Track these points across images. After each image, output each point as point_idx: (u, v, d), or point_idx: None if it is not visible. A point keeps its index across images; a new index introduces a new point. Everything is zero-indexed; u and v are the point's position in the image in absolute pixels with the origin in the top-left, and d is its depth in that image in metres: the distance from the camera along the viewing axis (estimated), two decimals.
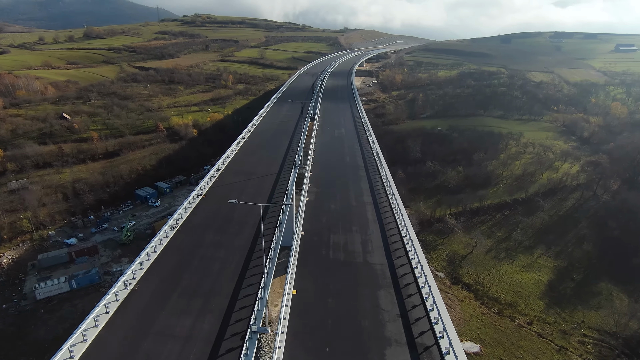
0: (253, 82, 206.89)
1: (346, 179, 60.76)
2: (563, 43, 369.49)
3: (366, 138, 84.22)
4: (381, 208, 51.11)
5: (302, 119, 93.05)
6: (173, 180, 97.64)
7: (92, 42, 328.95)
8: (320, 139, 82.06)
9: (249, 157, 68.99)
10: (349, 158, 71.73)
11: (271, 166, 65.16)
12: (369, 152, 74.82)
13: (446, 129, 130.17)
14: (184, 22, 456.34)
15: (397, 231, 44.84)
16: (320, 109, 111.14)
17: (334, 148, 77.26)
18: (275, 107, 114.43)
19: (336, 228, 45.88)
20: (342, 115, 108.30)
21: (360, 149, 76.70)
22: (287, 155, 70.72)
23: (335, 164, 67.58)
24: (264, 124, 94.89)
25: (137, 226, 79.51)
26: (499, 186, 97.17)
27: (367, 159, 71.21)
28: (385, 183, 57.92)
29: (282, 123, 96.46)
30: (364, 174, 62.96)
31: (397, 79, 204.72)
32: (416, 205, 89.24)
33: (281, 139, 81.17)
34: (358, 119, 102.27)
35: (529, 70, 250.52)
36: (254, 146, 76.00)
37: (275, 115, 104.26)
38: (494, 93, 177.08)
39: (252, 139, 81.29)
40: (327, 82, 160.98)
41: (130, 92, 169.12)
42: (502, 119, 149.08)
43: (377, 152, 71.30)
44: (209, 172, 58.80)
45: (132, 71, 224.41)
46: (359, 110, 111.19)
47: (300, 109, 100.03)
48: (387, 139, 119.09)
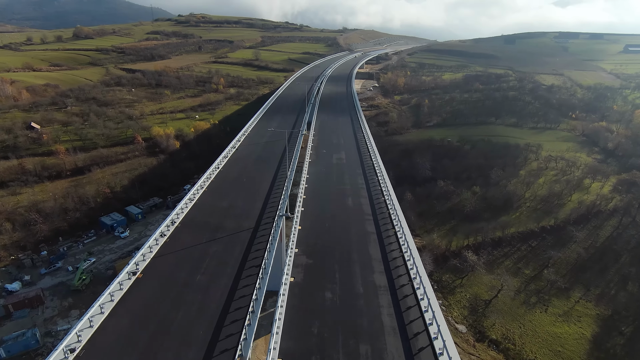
0: (246, 86, 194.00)
1: (349, 242, 42.44)
2: (569, 44, 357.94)
3: (372, 166, 66.32)
4: (401, 299, 32.87)
5: (294, 141, 78.25)
6: (147, 204, 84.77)
7: (80, 42, 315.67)
8: (314, 167, 64.79)
9: (218, 201, 50.69)
10: (351, 201, 53.09)
11: (247, 216, 46.95)
12: (378, 191, 56.24)
13: (457, 140, 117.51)
14: (178, 21, 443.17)
15: None
16: (315, 123, 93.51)
17: (331, 184, 59.16)
18: (263, 120, 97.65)
19: (333, 346, 28.32)
20: (341, 132, 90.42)
21: (366, 186, 58.38)
22: (270, 198, 52.63)
23: (333, 214, 48.98)
24: (246, 146, 75.99)
25: (98, 264, 66.64)
26: (522, 210, 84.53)
27: (375, 201, 52.53)
28: (405, 250, 39.96)
29: (269, 144, 77.69)
30: (373, 229, 44.93)
31: (400, 83, 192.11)
32: (428, 237, 76.50)
33: (264, 171, 62.89)
34: (361, 137, 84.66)
35: (537, 72, 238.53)
36: (228, 182, 58.01)
37: (262, 132, 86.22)
38: (505, 98, 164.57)
39: (227, 169, 62.66)
40: (324, 87, 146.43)
41: (111, 98, 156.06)
42: (515, 127, 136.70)
43: (391, 198, 51.36)
44: (158, 228, 41.47)
45: (119, 74, 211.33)
46: (362, 125, 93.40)
47: (293, 123, 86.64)
48: (391, 152, 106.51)
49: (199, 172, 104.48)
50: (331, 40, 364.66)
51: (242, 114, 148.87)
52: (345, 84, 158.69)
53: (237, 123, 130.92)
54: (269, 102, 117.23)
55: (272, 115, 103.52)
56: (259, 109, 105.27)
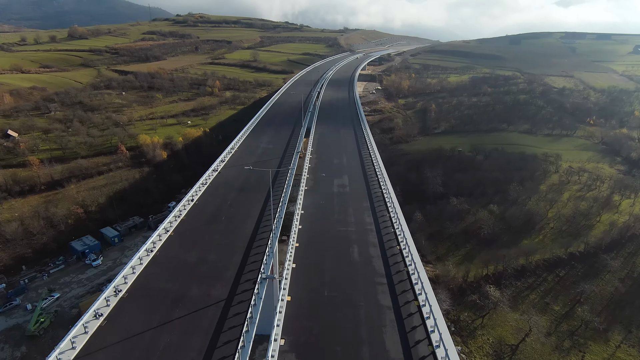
0: (243, 89, 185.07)
1: (356, 326, 30.55)
2: (576, 44, 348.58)
3: (381, 196, 55.09)
4: None
5: (288, 160, 68.36)
6: (125, 225, 75.80)
7: (73, 43, 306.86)
8: (311, 198, 53.31)
9: (185, 253, 38.82)
10: (357, 252, 40.81)
11: (219, 278, 35.44)
12: (391, 235, 44.24)
13: (468, 149, 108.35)
14: (175, 21, 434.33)
15: None
16: (314, 136, 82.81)
17: (332, 224, 47.01)
18: (254, 134, 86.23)
19: None
20: (344, 148, 78.64)
21: (376, 226, 46.19)
22: (253, 246, 40.61)
23: (333, 275, 37.27)
24: (231, 168, 63.48)
25: (62, 301, 57.72)
26: (546, 232, 75.43)
27: (388, 252, 40.31)
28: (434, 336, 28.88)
29: (259, 165, 64.69)
30: (389, 303, 33.13)
31: (404, 85, 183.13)
32: (442, 265, 67.42)
33: (250, 204, 50.55)
34: (366, 155, 73.13)
35: (546, 74, 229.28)
36: (202, 221, 45.43)
37: (252, 149, 74.69)
38: (516, 102, 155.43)
39: (204, 202, 50.47)
40: (324, 92, 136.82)
41: (99, 102, 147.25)
42: (529, 134, 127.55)
43: (410, 253, 39.50)
44: (104, 292, 31.49)
45: (110, 75, 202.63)
46: (367, 139, 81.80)
47: (289, 137, 76.99)
48: (397, 163, 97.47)
49: (187, 185, 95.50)
50: (332, 41, 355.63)
51: (237, 120, 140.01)
52: (347, 89, 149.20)
53: (231, 129, 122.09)
54: (263, 111, 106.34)
55: (265, 127, 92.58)
56: (251, 120, 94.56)
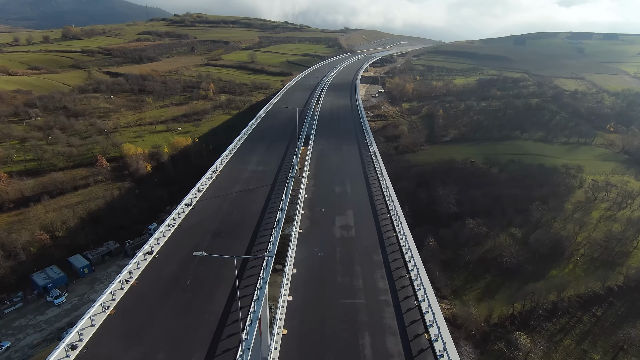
0: (239, 92, 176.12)
1: None
2: (583, 44, 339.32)
3: (397, 244, 41.47)
4: None
5: (280, 188, 54.83)
6: (98, 252, 66.81)
7: (66, 43, 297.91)
8: (305, 249, 40.12)
9: (124, 352, 26.21)
10: (368, 344, 28.08)
11: None
12: (414, 308, 31.81)
13: (482, 161, 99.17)
14: (173, 21, 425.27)
15: None
16: (312, 155, 69.61)
17: (333, 291, 34.31)
18: (242, 152, 71.69)
19: None
20: (347, 170, 65.04)
21: (393, 299, 33.02)
22: (223, 333, 28.44)
23: None
24: (208, 201, 49.90)
25: (12, 352, 48.71)
26: (576, 260, 66.37)
27: (411, 347, 27.93)
28: None
29: (243, 197, 51.63)
30: None
31: (408, 88, 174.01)
32: (460, 302, 58.34)
33: (225, 259, 34.67)
34: (374, 180, 59.72)
35: (555, 76, 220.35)
36: (158, 288, 32.81)
37: (237, 173, 61.04)
38: (527, 107, 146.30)
39: (166, 256, 37.42)
40: (324, 98, 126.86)
41: (83, 107, 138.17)
42: (545, 142, 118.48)
43: None
44: None
45: (101, 78, 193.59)
46: (374, 161, 67.24)
47: (282, 155, 66.77)
48: (405, 178, 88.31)
49: (172, 202, 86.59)
50: (332, 41, 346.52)
51: (231, 126, 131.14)
52: (349, 94, 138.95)
53: (223, 137, 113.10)
54: (254, 123, 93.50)
55: (255, 142, 79.38)
56: (240, 134, 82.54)
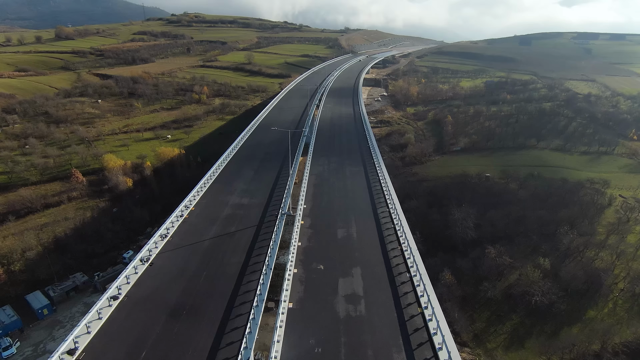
0: (234, 95, 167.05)
1: None
2: (590, 45, 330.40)
3: (423, 329, 30.00)
4: None
5: (266, 233, 43.97)
6: (62, 286, 57.75)
7: (58, 44, 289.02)
8: (296, 340, 28.54)
9: None
10: None
11: None
12: None
13: (498, 175, 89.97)
14: (169, 21, 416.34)
15: None
16: (309, 180, 58.33)
17: None
18: (226, 176, 60.05)
19: None
20: (351, 203, 52.22)
21: None
22: None
23: None
24: (174, 253, 39.57)
25: None
26: (616, 298, 57.34)
27: None
28: None
29: (217, 247, 40.84)
30: None
31: (413, 92, 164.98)
32: (484, 353, 49.25)
33: (189, 343, 28.02)
34: (386, 218, 47.42)
35: (565, 78, 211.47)
36: None
37: (216, 209, 48.75)
38: (541, 112, 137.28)
39: (101, 348, 27.47)
40: (324, 106, 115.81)
41: (67, 113, 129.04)
42: (563, 152, 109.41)
43: None
44: None
45: (91, 80, 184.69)
46: (384, 187, 55.59)
47: (274, 181, 56.46)
48: (415, 196, 79.12)
49: (153, 223, 77.49)
50: (332, 42, 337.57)
51: (224, 133, 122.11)
52: (351, 100, 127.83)
53: (215, 147, 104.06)
54: (243, 137, 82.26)
55: (242, 164, 67.17)
56: (226, 152, 70.08)
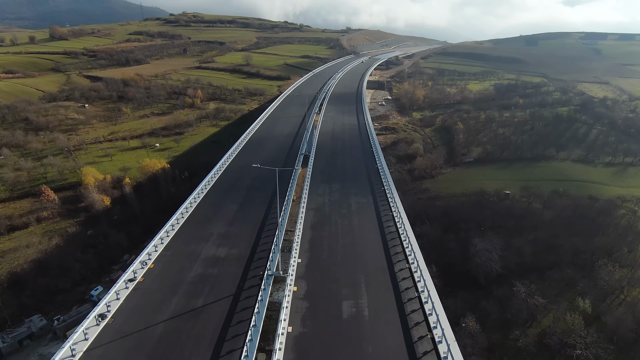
0: (230, 99, 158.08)
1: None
2: (599, 45, 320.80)
3: None
4: None
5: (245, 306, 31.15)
6: (15, 334, 48.79)
7: (52, 44, 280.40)
8: None
9: None
10: None
11: None
12: None
13: (519, 192, 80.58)
14: (167, 21, 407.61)
15: None
16: (305, 218, 45.05)
17: None
18: (200, 216, 46.20)
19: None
20: (361, 260, 37.53)
21: None
22: None
23: None
24: (108, 348, 26.64)
25: None
26: None
27: None
28: None
29: (173, 335, 27.90)
30: None
31: (419, 95, 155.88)
32: None
33: None
34: (409, 289, 32.97)
35: (577, 80, 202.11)
36: None
37: (183, 262, 36.47)
38: (557, 118, 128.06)
39: None
40: (324, 115, 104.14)
41: (49, 119, 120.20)
42: (586, 163, 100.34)
43: None
44: None
45: (80, 82, 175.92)
46: (402, 234, 41.49)
47: (260, 221, 44.57)
48: (427, 218, 69.95)
49: (132, 249, 68.61)
50: (334, 42, 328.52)
51: (217, 141, 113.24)
52: (355, 109, 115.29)
53: (206, 157, 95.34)
54: (229, 158, 66.91)
55: (224, 195, 52.03)
56: (203, 182, 54.07)
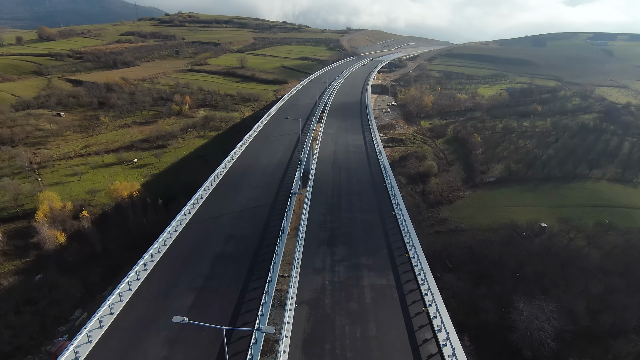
0: (221, 105, 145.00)
1: None
2: (610, 46, 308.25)
3: None
4: None
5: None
6: None
7: (38, 45, 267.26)
8: None
9: None
10: None
11: None
12: None
13: (556, 224, 67.36)
14: (161, 21, 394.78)
15: None
16: (296, 314, 29.20)
17: None
18: (136, 313, 29.46)
19: None
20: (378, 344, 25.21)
21: None
22: None
23: None
24: None
25: None
26: None
27: None
28: None
29: None
30: None
31: (427, 102, 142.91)
32: None
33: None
34: None
35: (593, 84, 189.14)
36: None
37: None
38: (584, 129, 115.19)
39: None
40: (324, 132, 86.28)
41: (14, 131, 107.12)
42: (623, 183, 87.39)
43: None
44: None
45: (63, 87, 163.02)
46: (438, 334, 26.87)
47: (230, 315, 27.69)
48: (451, 262, 56.84)
49: (86, 300, 55.45)
50: (333, 43, 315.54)
51: (203, 156, 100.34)
52: (360, 124, 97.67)
53: (189, 177, 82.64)
54: (195, 205, 47.49)
55: (178, 276, 34.04)
56: (155, 243, 37.70)
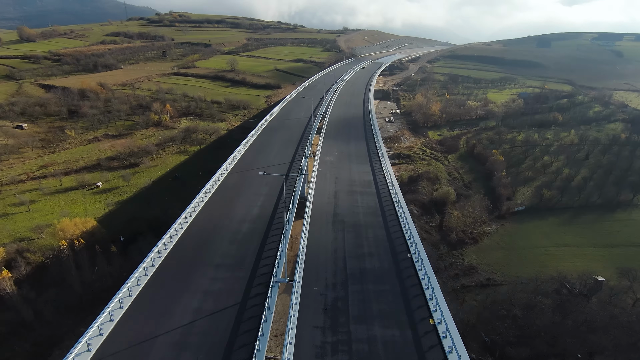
0: (207, 114, 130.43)
1: None
2: (618, 47, 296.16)
3: None
4: None
5: None
6: None
7: (16, 47, 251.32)
8: None
9: None
10: None
11: None
12: None
13: (615, 278, 53.44)
14: (150, 21, 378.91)
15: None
16: None
17: None
18: None
19: None
20: None
21: None
22: None
23: None
24: None
25: None
26: None
27: None
28: None
29: None
30: None
31: (434, 109, 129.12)
32: None
33: None
34: None
35: (609, 88, 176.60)
36: None
37: None
38: (615, 142, 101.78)
39: None
40: (321, 161, 63.79)
41: None
42: None
43: None
44: None
45: (34, 93, 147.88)
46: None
47: None
48: (486, 332, 42.82)
49: None
50: (330, 43, 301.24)
51: (180, 177, 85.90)
52: (366, 149, 72.86)
53: (159, 206, 68.48)
54: (160, 253, 34.86)
55: None
56: None
